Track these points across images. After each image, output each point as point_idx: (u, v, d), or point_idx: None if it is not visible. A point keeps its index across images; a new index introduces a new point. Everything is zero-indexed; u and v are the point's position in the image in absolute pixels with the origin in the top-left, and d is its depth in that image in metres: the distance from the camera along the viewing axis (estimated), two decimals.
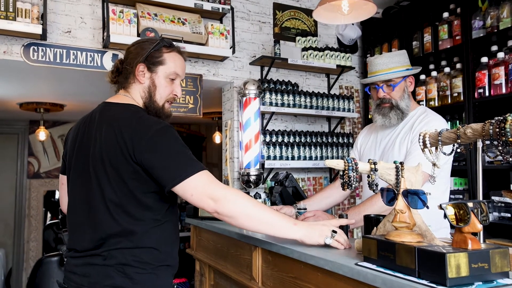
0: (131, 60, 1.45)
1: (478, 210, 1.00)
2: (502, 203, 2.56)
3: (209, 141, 6.79)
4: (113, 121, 1.36)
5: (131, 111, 1.39)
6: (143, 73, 1.44)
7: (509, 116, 1.10)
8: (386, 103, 1.95)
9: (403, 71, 1.93)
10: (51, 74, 3.23)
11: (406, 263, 1.00)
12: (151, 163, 1.28)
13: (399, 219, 1.11)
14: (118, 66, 1.49)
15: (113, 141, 1.31)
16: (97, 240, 1.32)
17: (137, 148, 1.28)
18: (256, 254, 1.73)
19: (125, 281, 1.30)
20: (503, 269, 0.95)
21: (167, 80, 1.47)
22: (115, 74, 1.49)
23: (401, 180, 1.18)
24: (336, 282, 1.24)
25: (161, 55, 1.45)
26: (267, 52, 3.46)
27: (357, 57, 3.96)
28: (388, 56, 1.96)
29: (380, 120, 1.99)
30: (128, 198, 1.32)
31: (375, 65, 1.96)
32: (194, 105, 3.15)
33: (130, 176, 1.31)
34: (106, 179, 1.32)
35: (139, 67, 1.43)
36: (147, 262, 1.34)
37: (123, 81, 1.48)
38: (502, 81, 2.57)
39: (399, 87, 1.93)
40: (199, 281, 2.46)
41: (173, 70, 1.47)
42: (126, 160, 1.29)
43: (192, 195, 1.28)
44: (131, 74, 1.45)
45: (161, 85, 1.46)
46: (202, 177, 1.30)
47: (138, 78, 1.44)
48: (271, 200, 2.53)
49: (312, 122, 3.68)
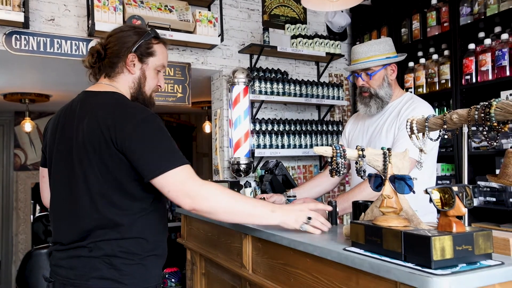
0: (118, 48, 1.40)
1: (462, 194, 1.02)
2: (487, 188, 2.60)
3: (199, 131, 6.77)
4: (97, 109, 1.32)
5: (115, 99, 1.36)
6: (134, 63, 1.42)
7: (494, 101, 1.11)
8: (365, 91, 1.98)
9: (381, 59, 1.93)
10: (35, 64, 3.18)
11: (393, 247, 1.02)
12: (133, 152, 1.25)
13: (386, 204, 1.12)
14: (100, 51, 1.41)
15: (97, 130, 1.28)
16: (82, 232, 1.30)
17: (120, 135, 1.25)
18: (246, 241, 1.74)
19: (113, 273, 1.28)
20: (486, 251, 0.97)
21: (155, 71, 1.47)
22: (95, 59, 1.42)
23: (388, 166, 1.20)
24: (324, 267, 1.25)
25: (152, 46, 1.44)
26: (256, 40, 3.44)
27: (346, 44, 3.96)
28: (369, 44, 1.96)
29: (362, 109, 2.02)
30: (113, 187, 1.30)
31: (355, 54, 1.97)
32: (183, 94, 3.12)
33: (114, 165, 1.28)
34: (91, 169, 1.29)
35: (130, 57, 1.40)
36: (134, 253, 1.32)
37: (108, 69, 1.42)
38: (489, 68, 2.59)
39: (377, 76, 1.94)
40: (191, 270, 2.48)
41: (161, 62, 1.48)
42: (110, 149, 1.26)
43: (169, 192, 1.26)
44: (120, 63, 1.41)
45: (150, 77, 1.46)
46: (182, 172, 1.26)
47: (129, 68, 1.42)
48: (261, 189, 2.54)
49: (301, 110, 3.68)
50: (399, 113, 1.91)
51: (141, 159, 1.25)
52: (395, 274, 0.96)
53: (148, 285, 1.35)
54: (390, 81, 1.97)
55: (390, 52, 1.96)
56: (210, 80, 3.62)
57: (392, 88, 1.98)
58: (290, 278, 1.44)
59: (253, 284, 1.70)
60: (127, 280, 1.30)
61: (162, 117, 6.37)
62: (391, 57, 1.95)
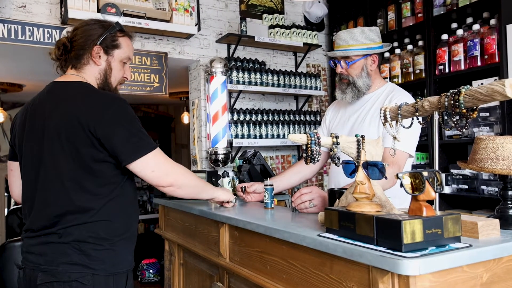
0: (84, 41, 1.44)
1: (433, 179, 1.05)
2: (460, 176, 2.68)
3: (178, 122, 6.71)
4: (68, 98, 1.36)
5: (85, 88, 1.40)
6: (99, 55, 1.46)
7: (463, 88, 1.14)
8: (344, 79, 1.97)
9: (362, 49, 1.92)
10: (7, 52, 3.08)
11: (365, 232, 1.03)
12: (109, 137, 1.30)
13: (359, 190, 1.14)
14: (67, 43, 1.45)
15: (70, 118, 1.31)
16: (52, 217, 1.31)
17: (95, 122, 1.29)
18: (223, 230, 1.74)
19: (82, 258, 1.30)
20: (455, 234, 1.00)
21: (121, 63, 1.52)
22: (61, 52, 1.45)
23: (362, 152, 1.21)
24: (300, 253, 1.27)
25: (117, 39, 1.49)
26: (233, 30, 3.41)
27: (323, 35, 3.97)
28: (352, 32, 1.95)
29: (339, 95, 2.02)
30: (85, 173, 1.32)
31: (338, 40, 1.97)
32: (160, 84, 3.08)
33: (87, 151, 1.31)
34: (63, 156, 1.31)
35: (96, 49, 1.44)
36: (103, 238, 1.34)
37: (75, 61, 1.46)
38: (461, 58, 2.65)
39: (356, 65, 1.93)
40: (169, 261, 2.47)
41: (126, 55, 1.53)
42: (84, 135, 1.29)
43: (154, 171, 1.35)
44: (85, 55, 1.45)
45: (116, 68, 1.50)
46: (160, 153, 1.38)
47: (95, 60, 1.45)
48: (239, 179, 2.55)
49: (279, 100, 3.69)
50: (384, 102, 1.89)
51: (119, 144, 1.30)
52: (367, 258, 0.98)
53: (118, 271, 1.37)
54: (370, 72, 1.96)
55: (372, 42, 1.94)
56: (187, 70, 3.58)
57: (371, 78, 1.97)
58: (266, 265, 1.45)
59: (231, 272, 1.71)
60: (96, 266, 1.32)
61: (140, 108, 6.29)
62: (373, 48, 1.93)
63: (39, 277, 1.30)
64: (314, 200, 1.63)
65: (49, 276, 1.29)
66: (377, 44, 1.96)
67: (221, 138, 3.08)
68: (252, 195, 2.07)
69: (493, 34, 2.47)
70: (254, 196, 2.07)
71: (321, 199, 1.64)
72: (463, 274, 0.98)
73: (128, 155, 1.31)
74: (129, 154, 1.31)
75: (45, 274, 1.30)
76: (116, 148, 1.31)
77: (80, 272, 1.30)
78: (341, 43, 1.94)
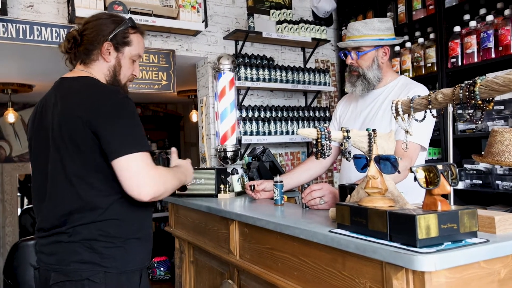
0: (94, 36, 1.41)
1: (448, 172, 1.01)
2: (474, 171, 2.62)
3: (186, 120, 6.71)
4: (72, 94, 1.34)
5: (89, 83, 1.38)
6: (109, 52, 1.43)
7: (478, 79, 1.10)
8: (354, 71, 1.93)
9: (372, 40, 1.87)
10: (16, 52, 3.09)
11: (378, 227, 1.01)
12: (103, 130, 1.26)
13: (371, 184, 1.11)
14: (77, 37, 1.42)
15: (72, 113, 1.29)
16: (60, 216, 1.30)
17: (94, 116, 1.26)
18: (233, 227, 1.73)
19: (93, 256, 1.29)
20: (472, 229, 0.97)
21: (130, 60, 1.49)
22: (71, 45, 1.42)
23: (374, 146, 1.18)
24: (311, 250, 1.24)
25: (128, 36, 1.46)
26: (241, 26, 3.39)
27: (332, 30, 3.93)
28: (363, 22, 1.90)
29: (348, 88, 1.98)
30: (90, 168, 1.30)
31: (349, 30, 1.93)
32: (168, 81, 3.07)
33: (90, 146, 1.28)
34: (67, 152, 1.30)
35: (106, 45, 1.41)
36: (114, 236, 1.32)
37: (84, 56, 1.43)
38: (474, 50, 2.59)
39: (367, 56, 1.89)
40: (179, 258, 2.46)
41: (137, 52, 1.50)
42: (85, 131, 1.27)
43: (132, 178, 1.25)
44: (95, 51, 1.42)
45: (125, 65, 1.48)
46: (147, 157, 1.29)
47: (104, 57, 1.43)
48: (249, 176, 2.52)
49: (288, 96, 3.66)
50: (399, 96, 1.83)
51: (109, 138, 1.26)
52: (380, 254, 0.96)
53: (129, 268, 1.35)
54: (381, 64, 1.91)
55: (384, 34, 1.89)
56: (195, 67, 3.57)
57: (382, 71, 1.92)
58: (277, 262, 1.43)
59: (241, 269, 1.69)
60: (108, 263, 1.30)
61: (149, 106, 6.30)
62: (385, 39, 1.89)
63: (52, 277, 1.30)
64: (325, 196, 1.61)
65: (61, 275, 1.29)
66: (389, 36, 1.91)
67: (230, 135, 3.06)
68: (262, 193, 2.05)
69: (508, 25, 2.41)
70: (264, 194, 2.05)
71: (331, 196, 1.61)
72: (480, 270, 0.95)
73: (114, 149, 1.25)
74: (116, 148, 1.25)
75: (57, 273, 1.29)
76: (105, 140, 1.26)
77: (92, 270, 1.28)
78: (352, 34, 1.90)
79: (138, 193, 1.25)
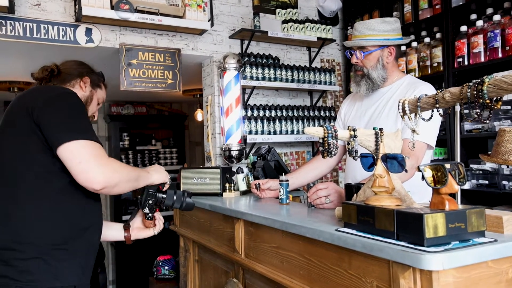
0: (73, 70, 1.56)
1: (455, 171, 1.01)
2: (480, 171, 2.61)
3: (191, 119, 6.71)
4: (26, 93, 1.38)
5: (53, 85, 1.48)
6: (87, 85, 1.57)
7: (486, 78, 1.10)
8: (359, 70, 1.93)
9: (377, 40, 1.86)
10: (23, 51, 3.11)
11: (385, 226, 1.00)
12: (45, 120, 1.23)
13: (378, 183, 1.11)
14: (55, 69, 1.53)
15: (21, 108, 1.29)
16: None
17: (36, 108, 1.24)
18: (238, 226, 1.73)
19: (6, 269, 1.16)
20: (479, 229, 0.97)
21: (96, 102, 1.64)
22: (48, 75, 1.51)
23: (380, 145, 1.18)
24: (317, 248, 1.24)
25: (101, 81, 1.66)
26: (246, 25, 3.39)
27: (338, 29, 3.92)
28: (369, 22, 1.90)
29: (353, 87, 1.99)
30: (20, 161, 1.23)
31: (355, 29, 1.93)
32: (173, 80, 3.08)
33: (31, 141, 1.23)
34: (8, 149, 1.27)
35: (85, 79, 1.56)
36: (30, 244, 1.18)
37: (59, 82, 1.52)
38: (481, 50, 2.57)
39: (371, 56, 1.88)
40: (184, 257, 2.47)
41: (101, 99, 1.67)
42: (29, 125, 1.24)
43: (81, 162, 1.17)
44: (73, 80, 1.55)
45: (93, 104, 1.62)
46: (98, 147, 1.23)
47: (82, 86, 1.55)
48: (254, 175, 2.52)
49: (293, 96, 3.65)
50: (405, 95, 1.82)
51: (53, 126, 1.22)
52: (387, 253, 0.95)
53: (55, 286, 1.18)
54: (386, 64, 1.90)
55: (390, 34, 1.88)
56: (200, 66, 3.57)
57: (387, 71, 1.92)
58: (282, 261, 1.43)
59: (246, 268, 1.69)
60: (22, 277, 1.15)
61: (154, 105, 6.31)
62: (390, 39, 1.88)
63: None
64: (331, 195, 1.60)
65: None
66: (395, 35, 1.90)
67: (235, 132, 3.06)
68: (267, 192, 2.04)
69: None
70: (269, 193, 2.04)
71: (337, 195, 1.61)
72: (487, 269, 0.95)
73: (58, 136, 1.19)
74: (59, 135, 1.19)
75: None
76: (49, 127, 1.21)
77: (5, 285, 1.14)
78: (358, 33, 1.90)
79: (88, 180, 1.17)
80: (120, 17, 2.68)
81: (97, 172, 1.17)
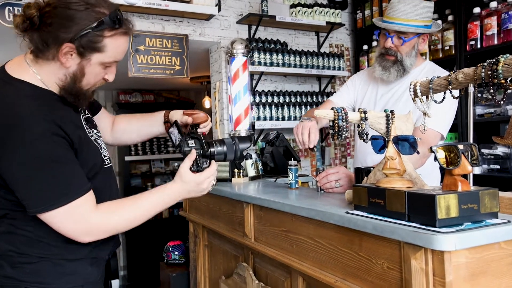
0: (54, 27, 1.04)
1: (468, 153, 0.99)
2: (491, 156, 2.58)
3: (199, 107, 6.72)
4: None
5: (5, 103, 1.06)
6: (70, 56, 1.07)
7: (502, 57, 1.07)
8: (391, 55, 1.80)
9: (420, 27, 1.74)
10: None
11: (396, 208, 1.00)
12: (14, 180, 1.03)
13: (390, 165, 1.10)
14: (35, 20, 1.04)
15: None
16: None
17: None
18: (248, 210, 1.73)
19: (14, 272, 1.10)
20: (492, 210, 0.95)
21: (101, 66, 1.13)
22: (26, 26, 1.05)
23: (392, 127, 1.17)
24: (327, 231, 1.24)
25: (101, 40, 1.08)
26: (254, 10, 3.35)
27: (347, 13, 3.86)
28: (413, 5, 1.73)
29: (379, 72, 1.85)
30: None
31: (395, 10, 1.74)
32: (181, 66, 3.07)
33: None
34: None
35: (65, 47, 1.05)
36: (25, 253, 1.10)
37: (37, 49, 1.07)
38: (495, 32, 2.52)
39: (409, 43, 1.77)
40: (193, 242, 2.49)
41: (112, 59, 1.14)
42: None
43: (59, 228, 1.06)
44: (51, 49, 1.06)
45: (92, 73, 1.13)
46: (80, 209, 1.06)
47: (61, 60, 1.07)
48: (262, 161, 2.52)
49: (302, 81, 3.62)
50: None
51: (14, 185, 1.03)
52: (399, 234, 0.95)
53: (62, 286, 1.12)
54: (418, 51, 1.82)
55: (429, 20, 1.77)
56: (208, 52, 3.55)
57: (416, 58, 1.84)
58: (292, 244, 1.43)
59: (256, 252, 1.70)
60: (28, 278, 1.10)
61: (162, 93, 6.31)
62: (429, 26, 1.77)
63: None
64: (341, 180, 1.59)
65: None
66: (430, 22, 1.80)
67: (243, 119, 3.05)
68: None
69: None
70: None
71: (347, 179, 1.60)
72: (500, 251, 0.94)
73: (27, 203, 1.03)
74: (28, 203, 1.03)
75: None
76: (20, 194, 1.04)
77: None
78: (400, 15, 1.73)
79: (89, 239, 1.09)
80: (127, 3, 2.66)
81: (86, 239, 1.09)
